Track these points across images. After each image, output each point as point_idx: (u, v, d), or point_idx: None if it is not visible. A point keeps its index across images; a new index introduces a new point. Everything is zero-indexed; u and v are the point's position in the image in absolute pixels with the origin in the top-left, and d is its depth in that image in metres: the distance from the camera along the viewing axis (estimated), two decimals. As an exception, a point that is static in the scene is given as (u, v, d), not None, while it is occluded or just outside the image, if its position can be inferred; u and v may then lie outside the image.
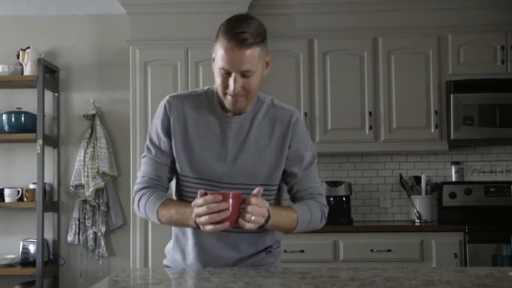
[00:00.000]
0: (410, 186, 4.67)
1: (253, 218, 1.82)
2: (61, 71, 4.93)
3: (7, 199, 4.63)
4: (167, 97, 2.12)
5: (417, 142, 4.52)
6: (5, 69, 4.63)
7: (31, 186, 4.67)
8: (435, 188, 4.72)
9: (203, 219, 1.81)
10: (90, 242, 4.76)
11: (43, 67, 4.55)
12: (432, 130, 4.48)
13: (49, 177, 4.82)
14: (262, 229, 1.93)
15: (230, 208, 1.80)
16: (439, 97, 4.51)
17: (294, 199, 2.13)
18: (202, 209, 1.80)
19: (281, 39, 4.43)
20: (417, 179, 4.68)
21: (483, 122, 4.43)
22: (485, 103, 4.43)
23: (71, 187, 4.77)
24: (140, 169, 2.14)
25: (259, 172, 2.02)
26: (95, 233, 4.78)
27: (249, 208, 1.81)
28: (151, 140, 2.10)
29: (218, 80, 1.97)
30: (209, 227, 1.81)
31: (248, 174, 2.02)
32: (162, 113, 2.08)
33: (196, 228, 1.90)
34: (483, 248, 4.10)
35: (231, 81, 1.93)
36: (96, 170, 4.70)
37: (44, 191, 4.58)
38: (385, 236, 4.24)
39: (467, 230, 4.14)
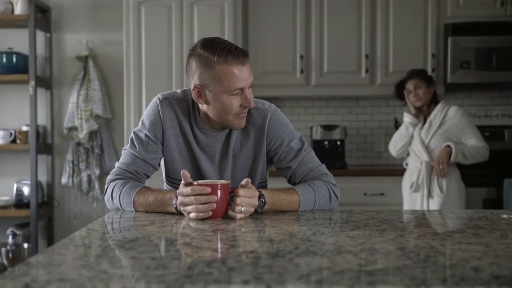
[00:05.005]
0: (405, 130, 4.65)
1: (243, 209, 1.80)
2: (53, 11, 4.83)
3: (-1, 141, 4.61)
4: (159, 97, 2.06)
5: (413, 86, 4.49)
6: (-5, 8, 4.53)
7: (24, 128, 4.64)
8: (430, 133, 4.71)
9: (190, 208, 1.78)
10: (84, 185, 4.77)
11: (34, 6, 4.46)
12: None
13: (42, 119, 4.79)
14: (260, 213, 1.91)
15: (219, 200, 1.78)
16: (436, 40, 4.46)
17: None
18: (189, 199, 1.78)
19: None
20: (412, 123, 4.67)
21: (480, 66, 4.39)
22: (482, 46, 4.38)
23: (64, 130, 4.74)
24: (119, 159, 2.10)
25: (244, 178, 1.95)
26: (89, 176, 4.78)
27: (238, 200, 1.79)
28: (138, 137, 2.06)
29: (233, 102, 1.93)
30: (193, 215, 1.78)
31: (236, 181, 1.99)
32: (154, 115, 2.05)
33: (177, 214, 1.88)
34: (475, 192, 4.13)
35: (248, 95, 1.93)
36: (89, 112, 4.67)
37: (37, 133, 4.55)
38: (378, 180, 4.26)
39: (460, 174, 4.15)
